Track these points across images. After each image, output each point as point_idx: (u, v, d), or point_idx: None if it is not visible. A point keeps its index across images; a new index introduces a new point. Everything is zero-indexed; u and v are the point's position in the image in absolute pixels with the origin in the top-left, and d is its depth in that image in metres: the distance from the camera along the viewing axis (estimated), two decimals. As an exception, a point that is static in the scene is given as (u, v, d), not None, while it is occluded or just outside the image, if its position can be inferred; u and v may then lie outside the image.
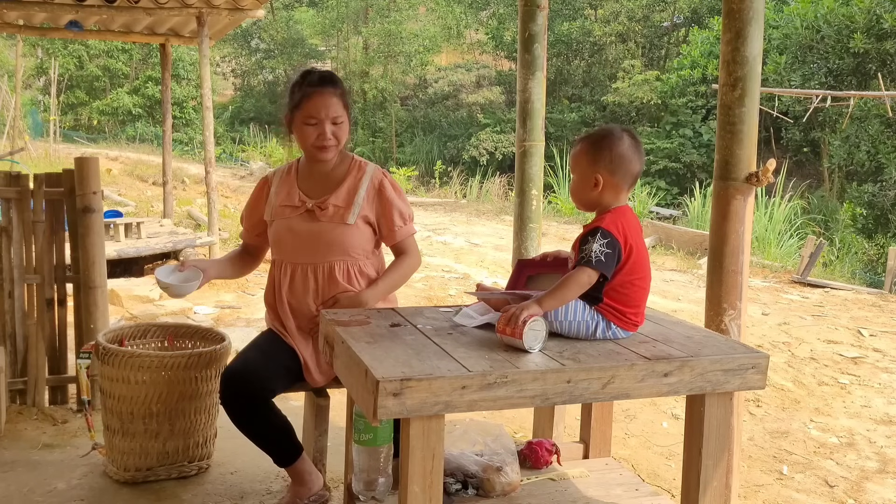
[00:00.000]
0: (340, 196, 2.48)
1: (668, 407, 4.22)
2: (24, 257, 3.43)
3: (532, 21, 3.15)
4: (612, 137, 1.99)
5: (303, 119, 2.40)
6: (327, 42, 29.59)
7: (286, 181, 2.54)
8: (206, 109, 7.62)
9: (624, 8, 21.01)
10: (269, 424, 2.38)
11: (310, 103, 2.38)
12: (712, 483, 1.90)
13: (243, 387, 2.30)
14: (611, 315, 1.93)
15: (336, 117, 2.40)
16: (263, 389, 2.33)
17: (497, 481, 2.11)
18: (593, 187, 1.98)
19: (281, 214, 2.49)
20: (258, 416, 2.35)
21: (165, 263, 2.71)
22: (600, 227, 1.92)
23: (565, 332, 1.93)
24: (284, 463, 2.48)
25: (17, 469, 2.88)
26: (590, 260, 1.89)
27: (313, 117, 2.38)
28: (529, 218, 3.23)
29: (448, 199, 15.41)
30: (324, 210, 2.45)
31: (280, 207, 2.50)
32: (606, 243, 1.89)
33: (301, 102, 2.39)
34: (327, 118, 2.39)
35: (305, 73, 2.46)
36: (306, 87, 2.40)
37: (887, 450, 3.92)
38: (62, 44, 23.23)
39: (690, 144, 18.08)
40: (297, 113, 2.41)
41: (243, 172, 17.92)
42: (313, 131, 2.40)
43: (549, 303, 1.88)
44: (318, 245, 2.45)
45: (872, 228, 12.48)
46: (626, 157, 1.98)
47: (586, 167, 2.00)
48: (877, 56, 13.31)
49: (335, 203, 2.46)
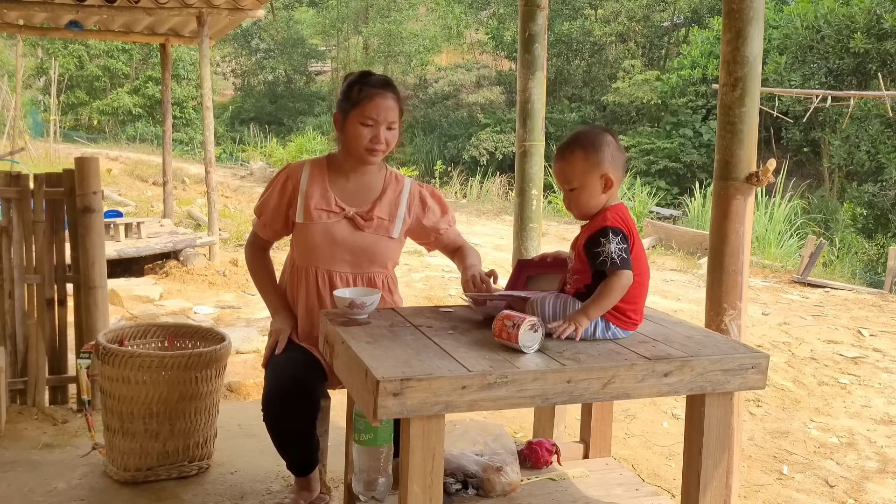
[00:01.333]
0: (384, 208, 2.45)
1: (668, 407, 4.22)
2: (24, 257, 3.43)
3: (532, 21, 3.15)
4: (601, 136, 1.99)
5: (359, 118, 2.34)
6: (327, 42, 29.60)
7: (317, 181, 2.45)
8: (207, 109, 7.62)
9: (624, 8, 21.01)
10: (311, 438, 2.37)
11: (370, 104, 2.32)
12: (712, 483, 1.90)
13: (296, 406, 2.28)
14: (609, 314, 1.93)
15: (392, 122, 2.36)
16: (315, 404, 2.32)
17: (497, 481, 2.11)
18: (604, 189, 1.96)
19: (317, 218, 2.41)
20: (307, 432, 2.34)
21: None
22: (608, 226, 1.91)
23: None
24: (302, 473, 2.47)
25: (18, 469, 2.88)
26: (615, 261, 1.88)
27: (371, 118, 2.33)
28: (529, 218, 3.23)
29: (448, 199, 15.34)
30: (368, 221, 2.42)
31: (316, 210, 2.41)
32: (620, 239, 1.89)
33: (361, 102, 2.33)
34: (384, 121, 2.34)
35: (365, 73, 2.42)
36: (368, 88, 2.34)
37: (887, 450, 3.92)
38: (62, 44, 23.25)
39: (690, 144, 18.07)
40: (354, 112, 2.34)
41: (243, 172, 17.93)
42: (368, 132, 2.34)
43: (595, 311, 1.90)
44: (362, 255, 2.42)
45: (872, 228, 12.48)
46: (619, 149, 2.00)
47: (589, 171, 1.96)
48: (877, 56, 13.31)
49: (379, 215, 2.44)
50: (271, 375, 2.36)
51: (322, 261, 2.42)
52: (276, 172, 2.57)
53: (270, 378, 2.35)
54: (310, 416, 2.32)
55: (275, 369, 2.37)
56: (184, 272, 7.13)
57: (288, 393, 2.27)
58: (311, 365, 2.36)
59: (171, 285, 6.75)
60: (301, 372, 2.31)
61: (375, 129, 2.34)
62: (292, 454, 2.42)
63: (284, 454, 2.43)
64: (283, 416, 2.29)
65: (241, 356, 4.66)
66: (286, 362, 2.37)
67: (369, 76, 2.41)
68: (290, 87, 27.69)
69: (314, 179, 2.45)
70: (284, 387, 2.28)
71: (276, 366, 2.38)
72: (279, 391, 2.28)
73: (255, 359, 4.68)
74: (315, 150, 16.89)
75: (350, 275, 2.43)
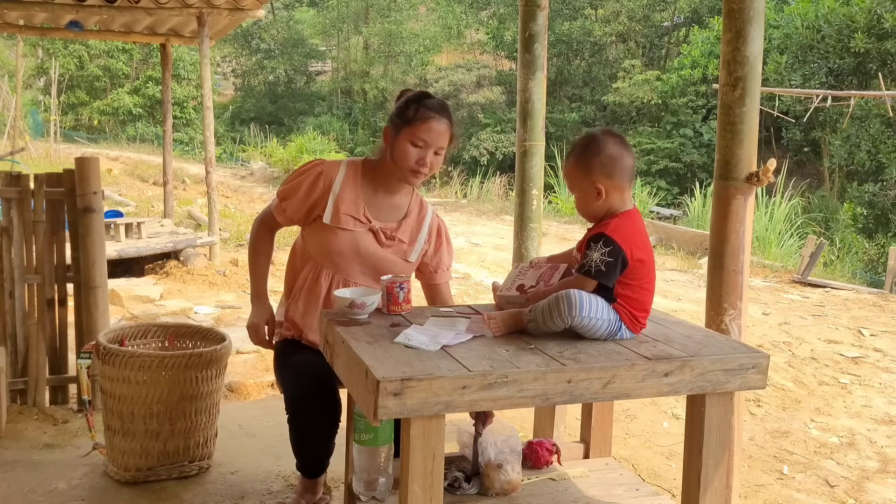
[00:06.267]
0: (406, 231, 2.46)
1: (668, 407, 4.22)
2: (24, 257, 3.43)
3: (532, 21, 3.15)
4: (596, 142, 1.97)
5: (410, 137, 2.32)
6: (328, 42, 29.62)
7: (351, 185, 2.42)
8: (207, 109, 7.62)
9: (624, 8, 21.02)
10: (331, 439, 2.38)
11: (424, 126, 2.31)
12: (713, 483, 1.90)
13: (324, 407, 2.29)
14: (625, 316, 1.93)
15: (440, 148, 2.35)
16: (339, 404, 2.32)
17: (496, 479, 2.11)
18: (597, 197, 1.96)
19: (345, 223, 2.39)
20: (330, 433, 2.34)
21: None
22: (604, 233, 1.90)
23: (587, 329, 1.89)
24: (312, 475, 2.47)
25: (18, 469, 2.88)
26: (589, 270, 1.89)
27: (423, 140, 2.31)
28: (530, 218, 3.23)
29: (448, 198, 15.41)
30: (390, 239, 2.43)
31: (345, 215, 2.39)
32: (609, 251, 1.87)
33: (415, 122, 2.31)
34: (434, 145, 2.33)
35: (424, 94, 2.39)
36: (425, 110, 2.32)
37: (888, 449, 3.91)
38: (63, 44, 23.26)
39: (691, 144, 18.08)
40: (406, 130, 2.32)
41: (244, 172, 17.94)
42: (416, 153, 2.32)
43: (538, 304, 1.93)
44: (378, 271, 2.41)
45: (873, 228, 12.47)
46: (615, 155, 1.96)
47: (582, 180, 1.97)
48: (877, 56, 13.31)
49: (401, 237, 2.44)
50: (293, 379, 2.36)
51: (341, 268, 2.41)
52: (308, 162, 2.51)
53: (293, 382, 2.36)
54: (335, 416, 2.33)
55: (295, 372, 2.37)
56: (184, 272, 7.13)
57: (315, 394, 2.29)
58: (328, 366, 2.37)
59: (172, 285, 6.75)
60: (323, 374, 2.31)
61: (424, 152, 2.33)
62: (309, 455, 2.42)
63: (301, 455, 2.42)
64: (311, 418, 2.30)
65: (241, 356, 4.66)
66: (304, 365, 2.37)
67: (428, 98, 2.38)
68: (291, 87, 27.70)
69: (348, 182, 2.42)
70: (311, 388, 2.29)
71: (296, 368, 2.38)
72: (304, 393, 2.29)
73: (256, 359, 4.68)
74: (315, 151, 16.87)
75: (363, 286, 2.43)
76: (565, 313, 1.84)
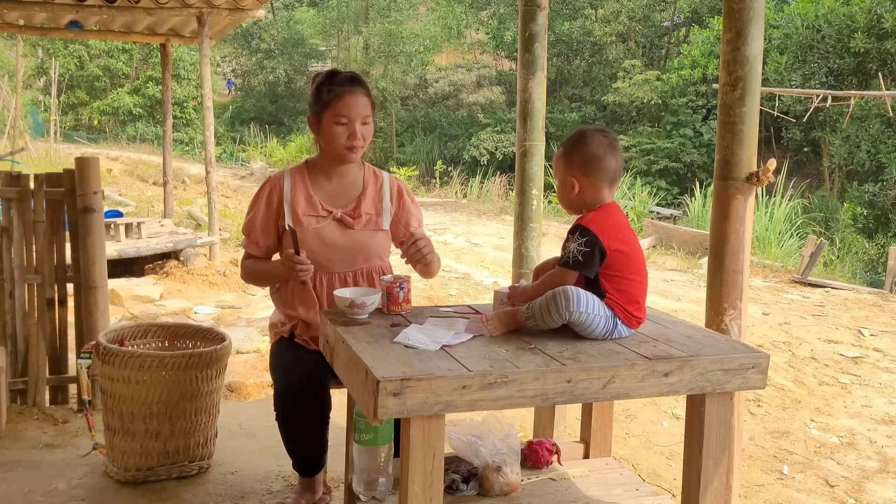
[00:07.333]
0: (369, 203, 2.47)
1: (668, 407, 4.22)
2: (24, 257, 3.43)
3: (532, 21, 3.15)
4: (583, 140, 2.02)
5: (333, 119, 2.35)
6: (328, 42, 29.62)
7: (299, 188, 2.45)
8: (207, 109, 7.63)
9: (624, 8, 21.02)
10: (322, 436, 2.38)
11: (340, 102, 2.34)
12: (713, 483, 1.90)
13: (310, 403, 2.30)
14: (618, 311, 1.94)
15: (366, 117, 2.38)
16: (327, 401, 2.34)
17: (496, 480, 2.11)
18: (571, 190, 2.01)
19: (307, 224, 2.42)
20: (319, 430, 2.35)
21: None
22: (580, 224, 1.96)
23: (584, 325, 1.89)
24: (308, 473, 2.47)
25: (18, 469, 2.88)
26: (568, 261, 1.94)
27: (344, 117, 2.34)
28: (530, 218, 3.23)
29: (448, 198, 15.42)
30: (357, 219, 2.44)
31: (304, 217, 2.42)
32: (585, 242, 1.91)
33: (331, 102, 2.34)
34: (358, 118, 2.36)
35: (332, 73, 2.42)
36: (336, 87, 2.35)
37: (888, 449, 3.91)
38: (63, 44, 23.27)
39: (691, 144, 18.08)
40: (326, 113, 2.36)
41: (244, 172, 17.95)
42: (344, 131, 2.36)
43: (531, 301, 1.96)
44: (357, 253, 2.44)
45: (873, 228, 12.47)
46: (597, 156, 1.99)
47: (563, 172, 2.03)
48: (877, 56, 13.31)
49: (367, 211, 2.46)
50: (282, 375, 2.36)
51: (317, 265, 2.41)
52: (257, 189, 2.55)
53: (281, 377, 2.36)
54: (323, 413, 2.33)
55: (285, 368, 2.37)
56: (184, 272, 7.13)
57: (301, 390, 2.28)
58: (319, 363, 2.37)
59: (172, 285, 6.75)
60: (312, 370, 2.32)
61: (351, 127, 2.36)
62: (302, 453, 2.42)
63: (294, 453, 2.43)
64: (297, 414, 2.30)
65: (241, 356, 4.66)
66: (295, 362, 2.38)
67: (336, 75, 2.41)
68: (291, 87, 27.71)
69: (297, 186, 2.46)
70: (297, 384, 2.29)
71: (286, 365, 2.38)
72: (292, 389, 2.29)
73: (256, 359, 4.68)
74: (315, 151, 16.87)
75: (349, 273, 2.45)
76: (563, 308, 1.86)
